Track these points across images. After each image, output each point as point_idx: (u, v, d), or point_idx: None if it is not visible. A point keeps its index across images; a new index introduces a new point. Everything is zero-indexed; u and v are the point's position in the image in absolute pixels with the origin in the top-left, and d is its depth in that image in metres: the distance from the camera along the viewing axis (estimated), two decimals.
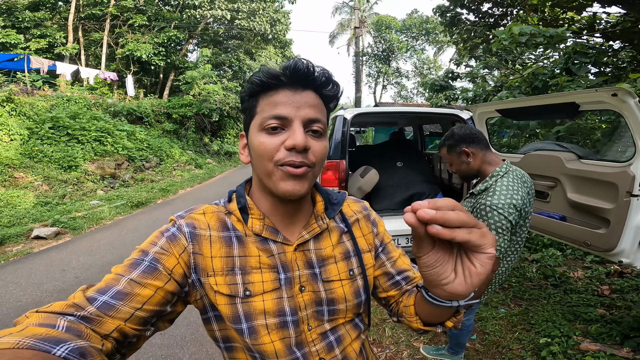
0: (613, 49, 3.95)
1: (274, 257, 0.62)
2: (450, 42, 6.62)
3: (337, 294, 0.65)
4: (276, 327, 0.59)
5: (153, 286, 0.53)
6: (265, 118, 0.58)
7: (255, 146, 0.59)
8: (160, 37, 14.93)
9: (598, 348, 2.24)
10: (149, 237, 0.60)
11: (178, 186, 8.73)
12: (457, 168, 1.66)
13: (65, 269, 3.70)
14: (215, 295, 0.58)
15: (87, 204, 6.34)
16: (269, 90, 0.59)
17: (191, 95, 14.01)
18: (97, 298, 0.49)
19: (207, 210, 0.65)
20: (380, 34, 18.36)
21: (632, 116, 1.88)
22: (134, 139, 10.24)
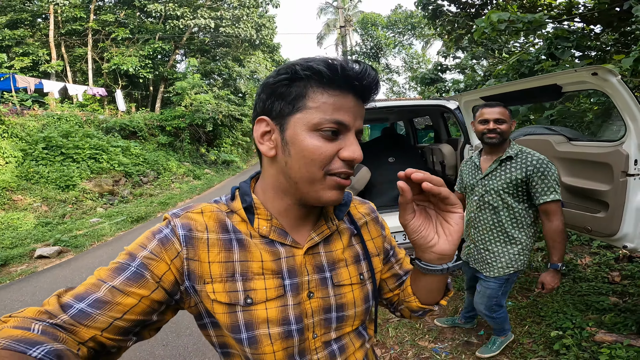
0: (594, 33, 4.01)
1: (280, 262, 0.57)
2: (436, 35, 6.69)
3: (347, 299, 0.62)
4: (280, 337, 0.55)
5: (137, 295, 0.49)
6: (325, 120, 0.51)
7: (304, 147, 0.51)
8: (146, 49, 14.89)
9: (614, 339, 2.14)
10: (139, 237, 0.55)
11: (177, 198, 8.73)
12: (506, 129, 1.79)
13: (69, 286, 3.72)
14: (212, 304, 0.54)
15: (87, 222, 6.36)
16: (328, 86, 0.51)
17: (183, 106, 13.99)
18: (73, 305, 0.46)
19: (205, 209, 0.58)
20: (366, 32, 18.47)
21: (617, 94, 1.84)
22: (130, 154, 10.23)
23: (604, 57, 3.72)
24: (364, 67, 0.52)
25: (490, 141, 1.81)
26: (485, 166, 1.91)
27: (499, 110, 1.79)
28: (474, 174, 1.97)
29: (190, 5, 15.41)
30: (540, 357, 2.12)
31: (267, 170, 0.58)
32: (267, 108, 0.55)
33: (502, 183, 1.79)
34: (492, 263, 1.88)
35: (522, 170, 1.74)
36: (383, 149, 3.94)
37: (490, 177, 1.86)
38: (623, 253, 3.34)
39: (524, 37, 4.39)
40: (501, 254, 1.86)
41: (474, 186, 1.95)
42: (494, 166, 1.83)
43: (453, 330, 2.49)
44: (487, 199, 1.87)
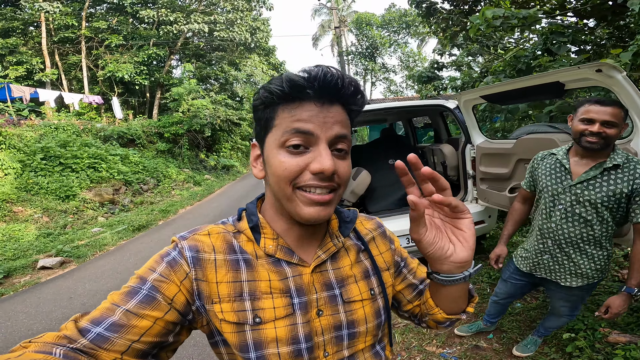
0: (589, 27, 4.00)
1: (287, 281, 0.57)
2: (430, 33, 6.70)
3: (358, 315, 0.61)
4: (289, 356, 0.54)
5: (151, 317, 0.49)
6: (286, 134, 0.51)
7: (273, 165, 0.53)
8: (140, 55, 14.84)
9: (628, 339, 2.07)
10: (149, 261, 0.55)
11: (178, 205, 8.71)
12: (614, 135, 1.47)
13: (72, 296, 3.75)
14: (220, 324, 0.54)
15: (88, 232, 6.34)
16: (290, 101, 0.51)
17: (180, 112, 13.96)
18: (91, 329, 0.46)
19: (212, 230, 0.59)
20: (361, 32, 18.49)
21: (623, 92, 1.78)
22: (129, 163, 10.20)
23: (600, 51, 3.72)
24: (319, 71, 0.50)
25: (589, 146, 1.48)
26: (578, 171, 1.58)
27: (611, 110, 1.44)
28: (559, 178, 1.64)
29: (183, 11, 15.40)
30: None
31: (266, 191, 0.61)
32: (255, 133, 0.59)
33: (603, 195, 1.50)
34: (576, 273, 1.68)
35: (630, 183, 1.45)
36: (382, 150, 3.91)
37: (586, 186, 1.55)
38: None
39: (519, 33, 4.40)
40: (586, 264, 1.65)
41: (558, 193, 1.64)
42: (594, 173, 1.52)
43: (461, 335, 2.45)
44: (579, 210, 1.58)
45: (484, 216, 3.18)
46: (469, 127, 3.08)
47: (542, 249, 1.77)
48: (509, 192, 2.64)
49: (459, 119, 3.24)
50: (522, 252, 1.93)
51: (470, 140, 3.13)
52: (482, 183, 3.09)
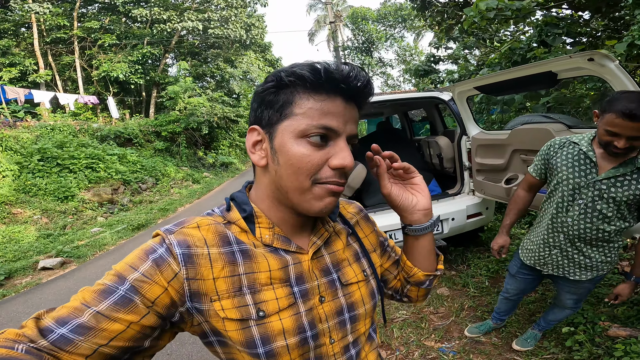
0: (584, 19, 4.00)
1: (288, 269, 0.56)
2: (426, 27, 6.70)
3: (356, 297, 0.62)
4: (296, 346, 0.54)
5: (125, 321, 0.45)
6: (312, 126, 0.49)
7: (292, 155, 0.50)
8: (134, 54, 14.77)
9: (628, 333, 2.03)
10: (130, 257, 0.50)
11: (177, 204, 8.72)
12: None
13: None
14: (223, 322, 0.51)
15: (88, 232, 6.35)
16: (316, 91, 0.50)
17: (177, 111, 13.94)
18: (54, 330, 0.43)
19: (201, 223, 0.54)
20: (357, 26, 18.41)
21: (616, 80, 1.77)
22: (126, 162, 10.19)
23: (596, 43, 3.73)
24: (352, 68, 0.50)
25: (613, 152, 1.39)
26: (606, 166, 1.47)
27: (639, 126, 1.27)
28: (584, 171, 1.52)
29: (177, 9, 15.30)
30: (553, 355, 2.06)
31: (261, 180, 0.57)
32: (257, 117, 0.54)
33: (630, 194, 1.42)
34: (587, 267, 1.65)
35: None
36: (379, 143, 3.91)
37: (613, 183, 1.45)
38: (631, 242, 3.27)
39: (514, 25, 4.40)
40: (598, 257, 1.62)
41: (580, 186, 1.52)
42: (624, 171, 1.42)
43: (460, 329, 2.45)
44: (600, 207, 1.49)
45: (482, 208, 3.20)
46: (464, 119, 3.09)
47: (552, 243, 1.69)
48: (505, 184, 2.65)
49: (454, 110, 3.25)
50: (527, 243, 1.87)
51: (466, 132, 3.14)
52: (478, 175, 3.11)
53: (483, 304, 2.70)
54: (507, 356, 2.12)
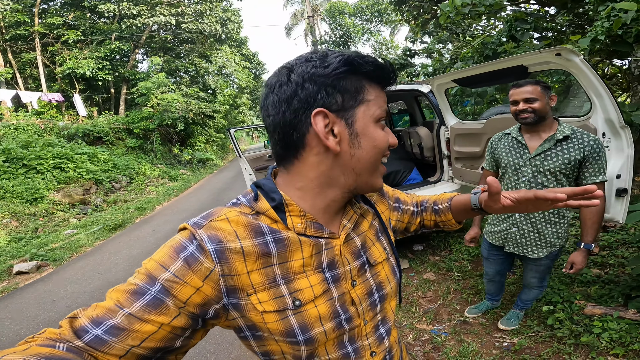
0: (550, 14, 4.25)
1: (321, 255, 0.56)
2: (402, 21, 6.85)
3: (382, 276, 0.64)
4: (333, 331, 0.55)
5: (156, 322, 0.46)
6: (382, 112, 0.56)
7: (376, 137, 0.55)
8: (102, 50, 14.06)
9: (603, 311, 2.18)
10: (159, 254, 0.49)
11: (154, 202, 8.48)
12: (541, 107, 1.67)
13: (55, 299, 3.67)
14: (262, 316, 0.51)
15: (61, 234, 6.09)
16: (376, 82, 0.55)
17: (150, 107, 13.47)
18: (89, 331, 0.44)
19: (229, 215, 0.53)
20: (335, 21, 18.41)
21: (580, 73, 1.92)
22: (97, 161, 9.77)
23: (561, 38, 3.98)
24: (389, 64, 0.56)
25: (525, 121, 1.70)
26: (533, 145, 1.75)
27: (528, 89, 1.66)
28: (518, 153, 1.80)
29: (147, 3, 14.68)
30: (537, 332, 2.19)
31: (313, 170, 0.54)
32: (320, 100, 0.51)
33: (560, 164, 1.66)
34: (542, 244, 1.84)
35: (580, 150, 1.63)
36: None
37: (544, 157, 1.70)
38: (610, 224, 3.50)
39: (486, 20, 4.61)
40: (551, 233, 1.81)
41: (519, 166, 1.79)
42: (548, 146, 1.69)
43: (449, 311, 2.58)
44: (541, 180, 1.72)
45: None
46: (442, 110, 3.23)
47: (511, 221, 1.91)
48: (482, 170, 2.82)
49: (433, 102, 3.39)
50: (490, 227, 2.07)
51: (444, 123, 3.29)
52: (456, 162, 3.27)
53: (467, 287, 2.86)
54: (495, 335, 2.26)
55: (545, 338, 2.15)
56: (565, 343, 2.07)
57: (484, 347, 2.18)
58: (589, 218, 1.69)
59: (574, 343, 2.05)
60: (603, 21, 2.46)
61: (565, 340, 2.08)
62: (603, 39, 2.48)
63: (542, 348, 2.08)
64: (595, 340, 2.01)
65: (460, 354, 2.12)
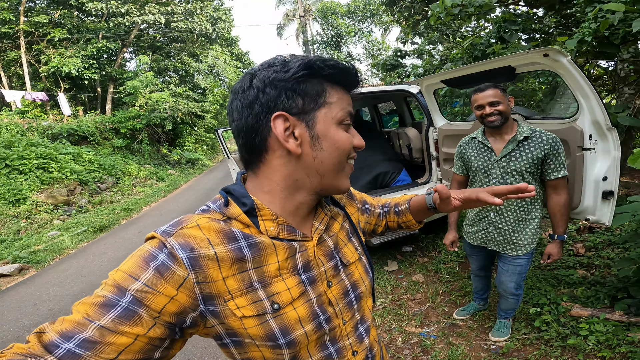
0: (538, 16, 4.29)
1: (295, 257, 0.56)
2: (394, 22, 6.85)
3: (356, 276, 0.65)
4: (313, 332, 0.55)
5: (131, 334, 0.44)
6: (345, 113, 0.56)
7: (337, 139, 0.55)
8: (88, 49, 13.73)
9: (590, 313, 2.19)
10: (127, 264, 0.47)
11: (141, 203, 8.32)
12: (505, 109, 1.75)
13: (37, 302, 3.57)
14: (241, 321, 0.50)
15: (45, 236, 5.92)
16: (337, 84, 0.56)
17: (137, 107, 13.22)
18: (60, 345, 0.41)
19: (200, 222, 0.52)
20: (326, 21, 18.36)
21: (568, 74, 1.91)
22: (82, 161, 9.55)
23: (548, 39, 4.01)
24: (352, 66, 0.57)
25: (492, 124, 1.77)
26: (498, 147, 1.84)
27: (490, 92, 1.75)
28: (486, 156, 1.88)
29: (136, 2, 14.41)
30: (525, 335, 2.19)
31: (278, 173, 0.55)
32: (281, 104, 0.52)
33: (525, 163, 1.75)
34: (518, 242, 1.89)
35: (541, 149, 1.73)
36: None
37: (509, 159, 1.79)
38: (583, 224, 3.54)
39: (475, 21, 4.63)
40: (525, 231, 1.88)
41: (488, 168, 1.87)
42: (511, 147, 1.78)
43: (437, 313, 2.57)
44: (510, 180, 1.81)
45: None
46: (431, 111, 3.21)
47: (487, 221, 1.97)
48: None
49: (422, 103, 3.37)
50: (468, 227, 2.12)
51: (433, 124, 3.27)
52: (445, 163, 3.26)
53: (456, 289, 2.85)
54: (483, 337, 2.25)
55: (533, 340, 2.14)
56: (552, 345, 2.06)
57: (473, 350, 2.16)
58: (557, 211, 1.80)
59: (561, 345, 2.04)
60: (590, 22, 2.48)
61: (553, 343, 2.08)
62: (590, 40, 2.50)
63: (530, 351, 2.07)
64: (582, 342, 2.00)
65: (449, 358, 2.10)
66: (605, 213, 1.98)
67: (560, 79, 2.10)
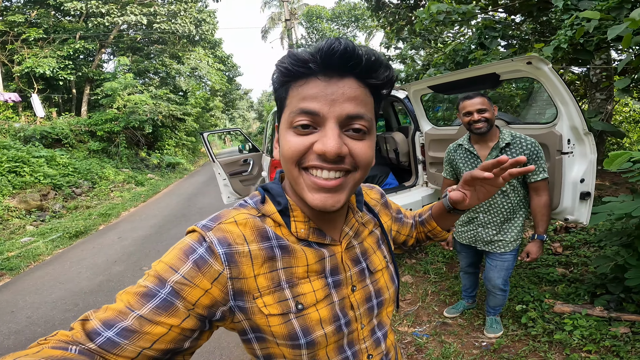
0: (516, 22, 4.47)
1: (324, 261, 0.56)
2: (378, 27, 6.97)
3: (381, 283, 0.64)
4: (333, 334, 0.56)
5: (166, 324, 0.46)
6: (293, 114, 0.48)
7: (282, 144, 0.51)
8: (65, 49, 13.23)
9: (572, 309, 2.29)
10: (169, 255, 0.49)
11: (120, 208, 8.04)
12: (491, 117, 1.83)
13: (14, 310, 3.42)
14: (267, 319, 0.52)
15: (17, 242, 5.64)
16: (298, 79, 0.48)
17: (115, 109, 12.82)
18: (101, 333, 0.43)
19: (238, 218, 0.53)
20: (312, 25, 18.43)
21: (548, 81, 2.02)
22: (56, 165, 9.15)
23: (525, 46, 4.19)
24: (326, 43, 0.46)
25: (479, 131, 1.85)
26: (483, 154, 1.94)
27: (479, 100, 1.83)
28: (473, 163, 1.98)
29: (117, 2, 14.01)
30: (512, 332, 2.27)
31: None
32: (277, 117, 0.56)
33: None
34: (505, 239, 1.99)
35: (522, 154, 1.81)
36: None
37: None
38: (559, 224, 3.70)
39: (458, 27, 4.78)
40: (511, 229, 1.98)
41: None
42: (495, 154, 1.88)
43: (428, 313, 2.61)
44: None
45: (435, 198, 3.43)
46: (417, 116, 3.28)
47: (477, 222, 2.07)
48: None
49: (409, 108, 3.44)
50: (458, 227, 2.21)
51: (419, 128, 3.34)
52: (431, 167, 3.33)
53: (444, 288, 2.91)
54: (474, 335, 2.31)
55: (521, 336, 2.21)
56: (540, 341, 2.14)
57: (465, 347, 2.21)
58: (538, 212, 1.89)
59: (548, 341, 2.12)
60: (566, 30, 2.60)
61: (540, 338, 2.15)
62: (566, 47, 2.62)
63: (519, 346, 2.13)
64: (567, 337, 2.09)
65: (442, 355, 2.14)
66: (583, 213, 2.11)
67: (536, 85, 2.20)
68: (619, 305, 2.28)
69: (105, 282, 3.90)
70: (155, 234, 5.68)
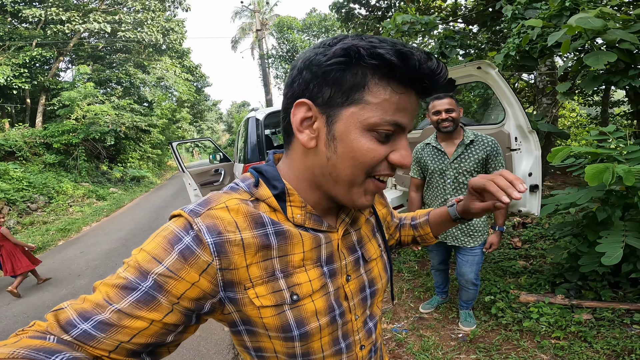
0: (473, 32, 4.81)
1: (320, 249, 0.54)
2: None
3: (374, 273, 0.63)
4: (327, 325, 0.54)
5: (147, 319, 0.43)
6: (384, 121, 0.44)
7: (355, 147, 0.46)
8: (20, 57, 12.50)
9: (536, 298, 2.42)
10: (152, 243, 0.45)
11: (80, 223, 7.61)
12: (457, 117, 1.95)
13: None
14: (259, 311, 0.49)
15: None
16: (395, 81, 0.44)
17: (73, 120, 12.15)
18: (77, 325, 0.41)
19: (229, 203, 0.49)
20: (282, 35, 18.58)
21: (495, 84, 2.23)
22: (9, 179, 8.55)
23: (481, 54, 4.51)
24: (440, 64, 0.44)
25: (446, 129, 1.96)
26: (450, 151, 2.04)
27: (447, 100, 1.95)
28: (440, 159, 2.07)
29: (79, 9, 13.44)
30: (485, 322, 2.37)
31: (301, 161, 0.52)
32: (310, 91, 0.46)
33: (473, 164, 1.97)
34: (474, 234, 2.09)
35: (484, 150, 1.95)
36: None
37: (460, 160, 2.00)
38: (517, 220, 3.98)
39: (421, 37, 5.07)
40: (477, 223, 2.09)
41: (444, 170, 2.06)
42: (460, 150, 1.99)
43: (404, 309, 2.69)
44: (461, 179, 2.02)
45: (403, 200, 3.54)
46: None
47: None
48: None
49: None
50: None
51: None
52: (398, 170, 3.45)
53: (418, 285, 3.01)
54: (450, 327, 2.41)
55: (493, 326, 2.32)
56: (511, 330, 2.26)
57: (442, 339, 2.29)
58: None
59: (518, 329, 2.24)
60: (514, 38, 2.85)
61: (511, 327, 2.27)
62: (514, 55, 2.86)
63: (493, 336, 2.24)
64: (535, 325, 2.22)
65: (422, 348, 2.21)
66: (534, 205, 2.31)
67: (490, 92, 2.41)
68: (578, 292, 2.45)
69: (69, 295, 3.79)
70: (122, 247, 5.43)
